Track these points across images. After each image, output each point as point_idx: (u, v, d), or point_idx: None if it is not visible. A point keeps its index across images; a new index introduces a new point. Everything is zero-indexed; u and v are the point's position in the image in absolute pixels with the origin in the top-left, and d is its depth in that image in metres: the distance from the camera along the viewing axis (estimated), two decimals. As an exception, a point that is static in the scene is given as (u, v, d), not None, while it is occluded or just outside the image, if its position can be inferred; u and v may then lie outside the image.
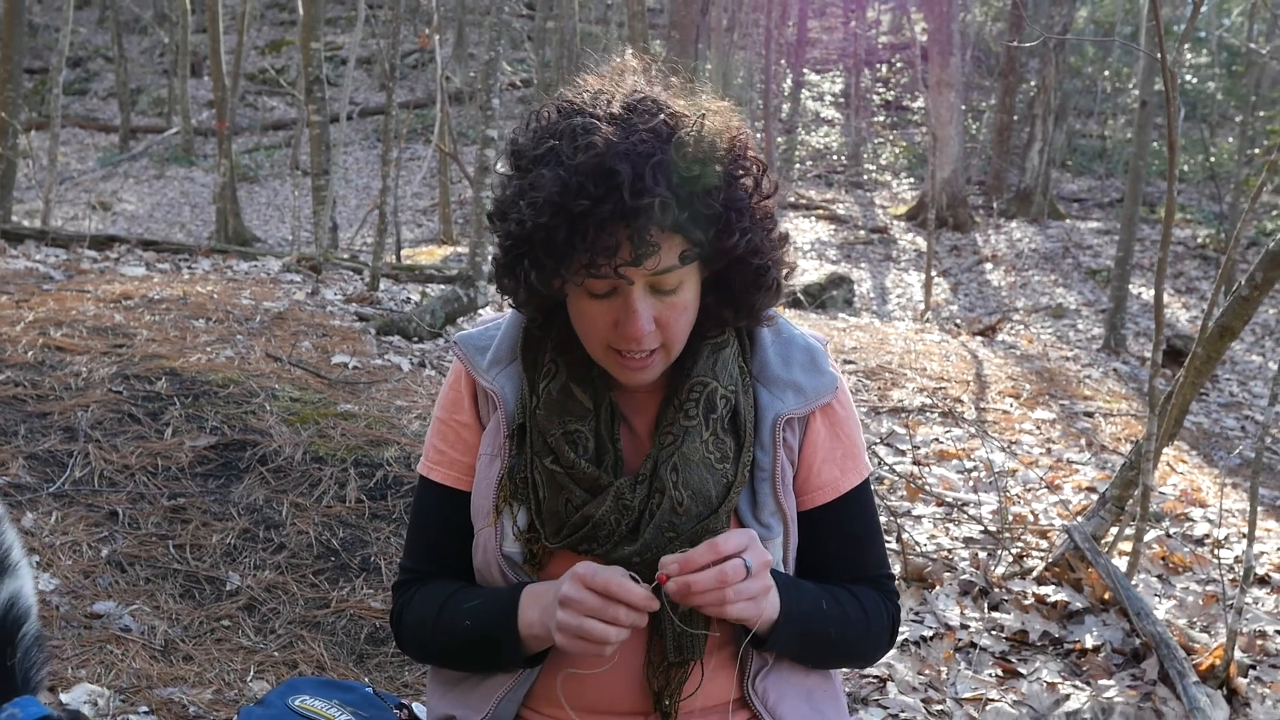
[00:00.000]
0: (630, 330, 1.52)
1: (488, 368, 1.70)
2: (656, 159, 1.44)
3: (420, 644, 1.75)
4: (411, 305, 6.73)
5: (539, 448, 1.63)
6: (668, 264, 1.49)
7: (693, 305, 1.58)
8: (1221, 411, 8.53)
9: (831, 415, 1.72)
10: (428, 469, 1.76)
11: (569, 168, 1.44)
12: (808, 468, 1.70)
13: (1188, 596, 3.91)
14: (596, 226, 1.43)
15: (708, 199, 1.48)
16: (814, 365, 1.71)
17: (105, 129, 25.38)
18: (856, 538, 1.75)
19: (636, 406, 1.69)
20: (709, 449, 1.61)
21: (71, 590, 3.02)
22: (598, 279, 1.49)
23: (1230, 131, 20.62)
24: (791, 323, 1.78)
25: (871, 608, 1.70)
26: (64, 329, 4.63)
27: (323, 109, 10.94)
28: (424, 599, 1.72)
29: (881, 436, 5.55)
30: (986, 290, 14.83)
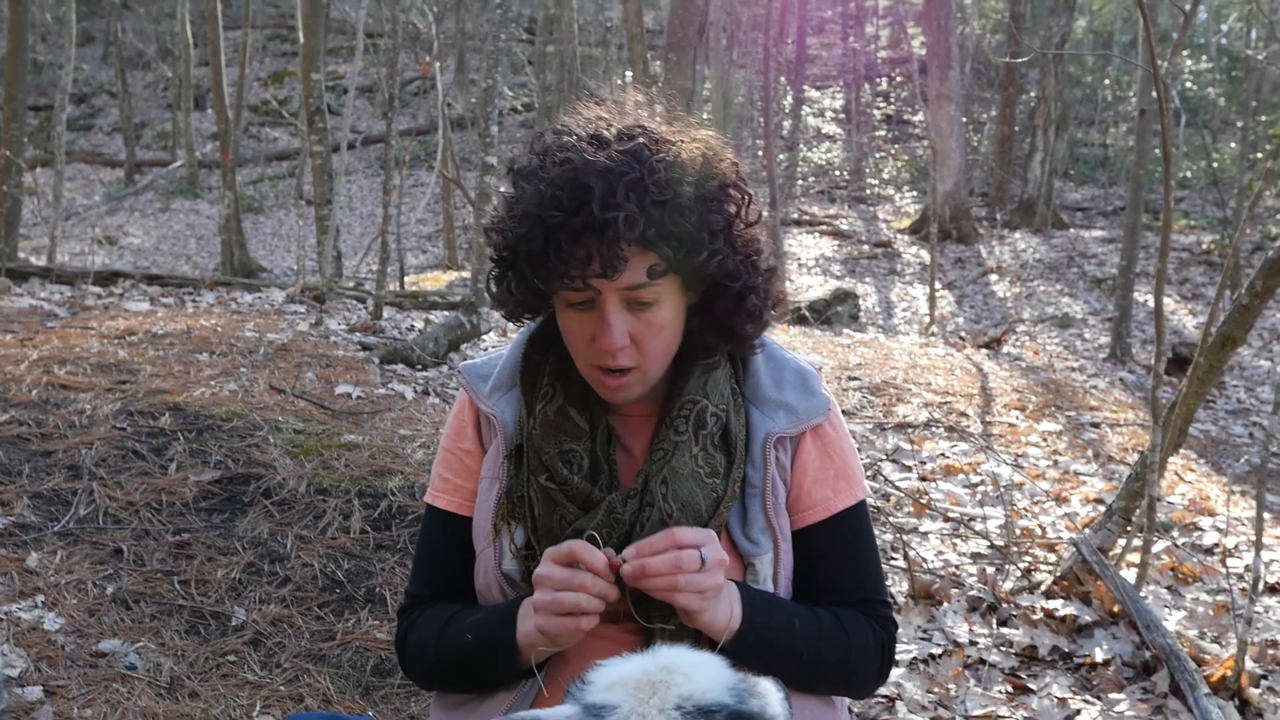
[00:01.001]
0: (604, 343, 1.58)
1: (489, 394, 1.76)
2: (630, 177, 1.52)
3: (423, 665, 1.78)
4: (415, 333, 6.75)
5: (535, 466, 1.68)
6: (636, 279, 1.55)
7: (671, 326, 1.63)
8: (1229, 418, 8.50)
9: (823, 436, 1.75)
10: (433, 497, 1.81)
11: (547, 181, 1.55)
12: (798, 487, 1.72)
13: (1198, 607, 3.89)
14: (569, 238, 1.52)
15: (679, 218, 1.54)
16: (805, 387, 1.75)
17: (110, 164, 25.54)
18: (848, 559, 1.75)
19: (632, 429, 1.74)
20: (699, 463, 1.65)
21: (77, 629, 3.02)
22: (572, 290, 1.56)
23: (1232, 137, 20.62)
24: (784, 347, 1.82)
25: (855, 631, 1.70)
26: (68, 366, 4.65)
27: (325, 139, 11.00)
28: (427, 620, 1.76)
29: (887, 453, 5.54)
30: (991, 302, 14.82)
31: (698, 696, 1.22)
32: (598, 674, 1.28)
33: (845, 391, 6.75)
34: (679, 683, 1.23)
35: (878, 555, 1.81)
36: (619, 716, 1.21)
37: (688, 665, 1.26)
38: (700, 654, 1.32)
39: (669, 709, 1.20)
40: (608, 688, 1.25)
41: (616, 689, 1.24)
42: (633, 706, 1.21)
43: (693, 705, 1.21)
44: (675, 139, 1.60)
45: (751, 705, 1.24)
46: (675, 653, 1.30)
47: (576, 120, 1.63)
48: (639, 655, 1.30)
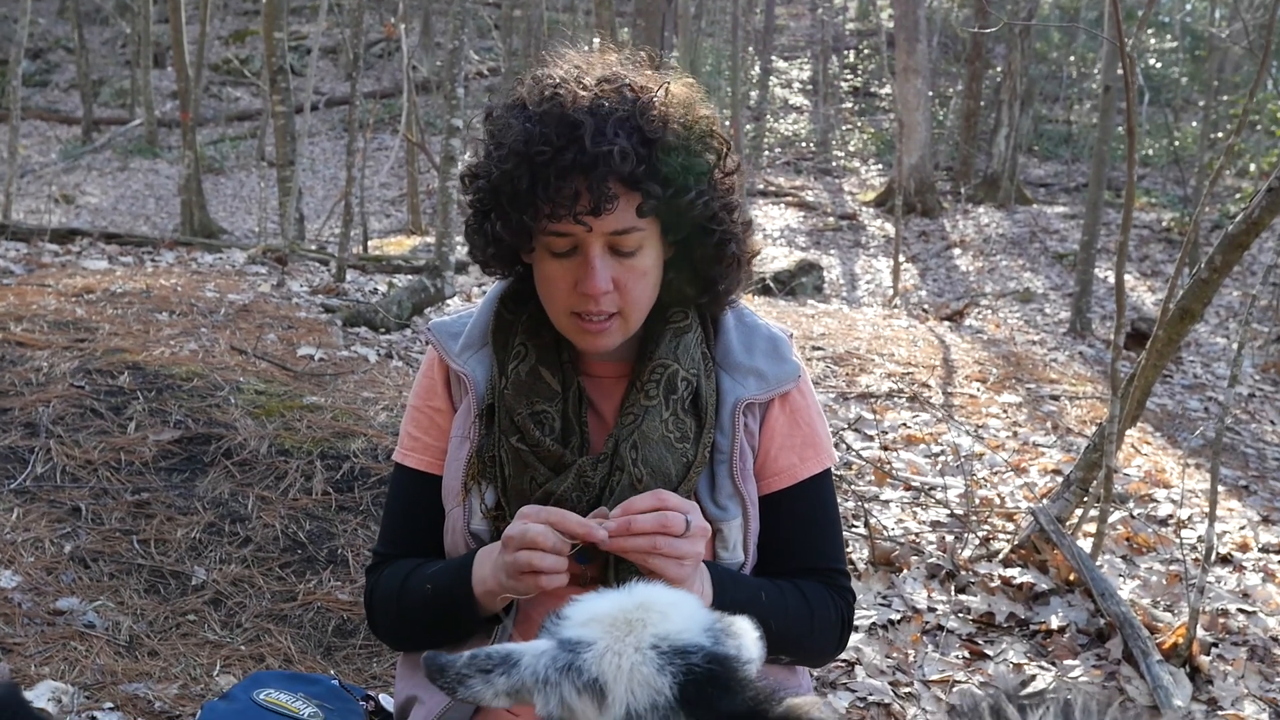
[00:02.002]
0: (588, 286, 1.57)
1: (459, 352, 1.74)
2: (619, 114, 1.52)
3: (389, 619, 1.77)
4: (378, 296, 6.70)
5: (506, 427, 1.67)
6: (625, 219, 1.54)
7: (652, 272, 1.62)
8: (1186, 393, 8.62)
9: (792, 403, 1.75)
10: (402, 455, 1.80)
11: (533, 117, 1.53)
12: (765, 453, 1.72)
13: (1151, 576, 3.96)
14: (558, 175, 1.50)
15: (667, 156, 1.54)
16: (776, 353, 1.75)
17: (67, 121, 25.04)
18: (812, 526, 1.76)
19: (604, 392, 1.73)
20: (669, 428, 1.64)
21: (34, 587, 2.99)
22: (558, 229, 1.54)
23: (1194, 116, 20.80)
24: (756, 313, 1.82)
25: (818, 603, 1.71)
26: (24, 324, 4.58)
27: (288, 99, 10.84)
28: (391, 574, 1.75)
29: (849, 422, 5.58)
30: (954, 275, 14.91)
31: (674, 636, 1.21)
32: (574, 609, 1.27)
33: (809, 361, 6.78)
34: (655, 621, 1.23)
35: (840, 524, 1.82)
36: (594, 653, 1.20)
37: (664, 604, 1.26)
38: (676, 593, 1.31)
39: (645, 648, 1.20)
40: (583, 623, 1.24)
41: (592, 625, 1.24)
42: (608, 644, 1.21)
43: (668, 645, 1.20)
44: (657, 84, 1.60)
45: (728, 646, 1.24)
46: (651, 590, 1.29)
47: (555, 68, 1.61)
48: (615, 592, 1.29)
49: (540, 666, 1.22)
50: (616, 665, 1.19)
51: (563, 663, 1.21)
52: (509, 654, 1.24)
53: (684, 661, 1.19)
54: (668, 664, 1.19)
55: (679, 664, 1.19)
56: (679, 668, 1.18)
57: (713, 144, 1.62)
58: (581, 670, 1.20)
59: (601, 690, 1.19)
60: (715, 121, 1.64)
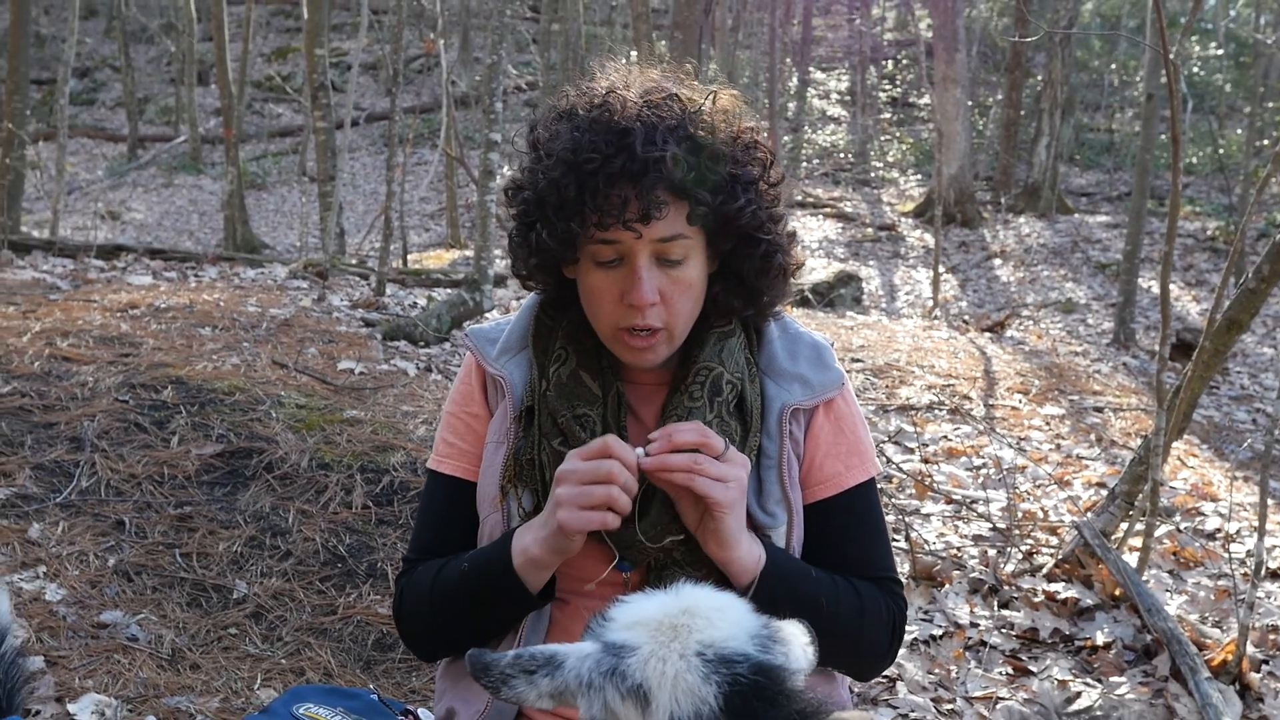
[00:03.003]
0: (635, 297, 1.56)
1: (496, 356, 1.74)
2: (669, 122, 1.53)
3: (419, 615, 1.74)
4: (418, 310, 6.73)
5: (548, 429, 1.66)
6: (674, 226, 1.55)
7: (698, 285, 1.62)
8: (1233, 405, 8.49)
9: (836, 411, 1.74)
10: (437, 463, 1.79)
11: (581, 125, 1.54)
12: (810, 461, 1.71)
13: (1199, 592, 3.89)
14: (606, 182, 1.50)
15: (716, 164, 1.55)
16: (820, 361, 1.74)
17: (113, 139, 25.44)
18: (859, 534, 1.75)
19: (644, 397, 1.72)
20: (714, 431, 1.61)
21: (78, 600, 3.03)
22: (606, 238, 1.54)
23: (1238, 123, 20.54)
24: (798, 322, 1.81)
25: (869, 597, 1.69)
26: (70, 339, 4.65)
27: (328, 115, 10.94)
28: (423, 571, 1.74)
29: (889, 434, 5.53)
30: (995, 286, 14.79)
31: (719, 644, 1.19)
32: (619, 611, 1.26)
33: (849, 373, 6.72)
34: (701, 627, 1.21)
35: (886, 532, 1.80)
36: (639, 658, 1.19)
37: (710, 609, 1.24)
38: (723, 596, 1.29)
39: (690, 655, 1.18)
40: (628, 626, 1.23)
41: (637, 629, 1.22)
42: (653, 649, 1.19)
43: (714, 653, 1.18)
44: (703, 95, 1.62)
45: (775, 655, 1.22)
46: (698, 594, 1.27)
47: (600, 81, 1.62)
48: (661, 594, 1.27)
49: (584, 670, 1.20)
50: (661, 672, 1.18)
51: (607, 666, 1.20)
52: (553, 655, 1.23)
53: (729, 671, 1.17)
54: (713, 673, 1.17)
55: (724, 673, 1.17)
56: (724, 677, 1.16)
57: (758, 154, 1.63)
58: (625, 675, 1.18)
59: (645, 697, 1.18)
60: (760, 132, 1.65)
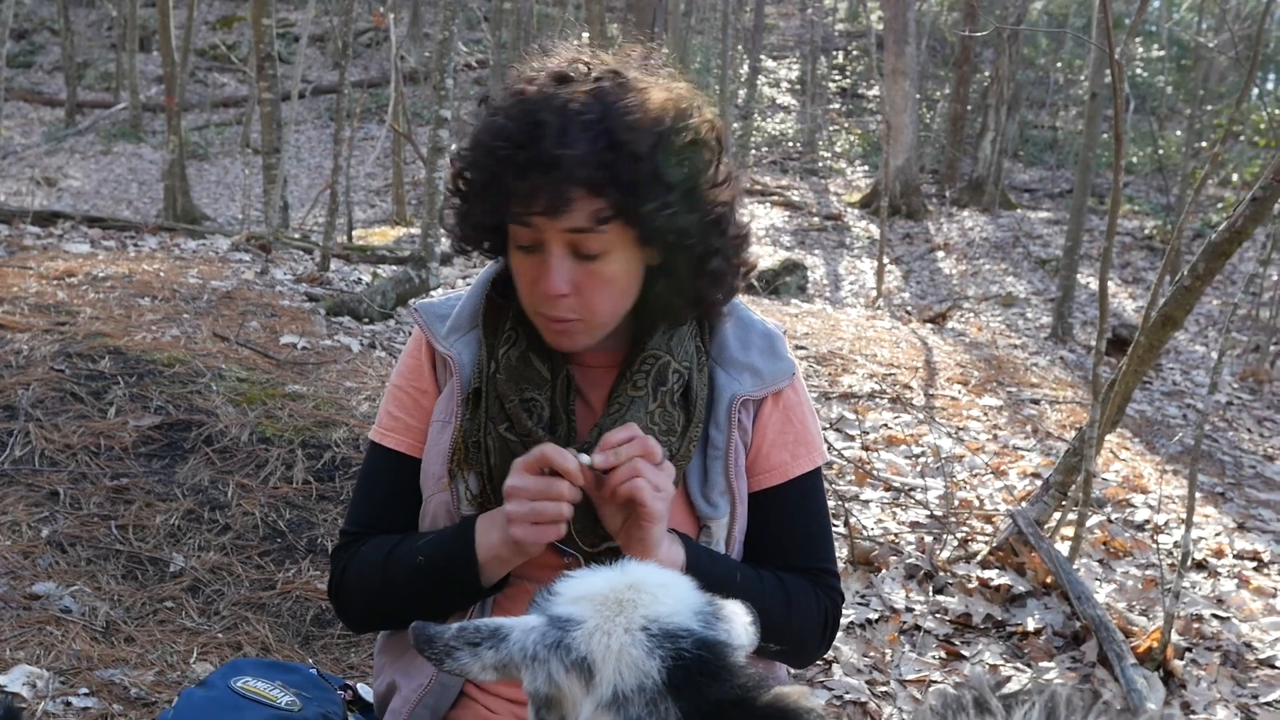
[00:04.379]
0: (543, 287, 1.55)
1: (446, 334, 1.72)
2: (586, 117, 1.47)
3: (367, 596, 1.73)
4: (363, 286, 6.67)
5: (495, 413, 1.64)
6: (581, 223, 1.50)
7: (619, 281, 1.58)
8: (1165, 400, 8.67)
9: (785, 400, 1.74)
10: (380, 435, 1.77)
11: (502, 111, 1.52)
12: (757, 449, 1.71)
13: (1127, 581, 3.98)
14: (515, 173, 1.48)
15: (633, 165, 1.48)
16: (772, 350, 1.73)
17: (51, 103, 24.83)
18: (801, 524, 1.75)
19: (593, 380, 1.71)
20: (654, 420, 1.62)
21: (10, 571, 2.98)
22: (517, 225, 1.53)
23: (1178, 125, 20.91)
24: (750, 309, 1.80)
25: (798, 596, 1.69)
26: (4, 306, 4.55)
27: (274, 86, 10.78)
28: (370, 550, 1.71)
29: (831, 422, 5.59)
30: (938, 278, 14.95)
31: (664, 619, 1.21)
32: (565, 585, 1.26)
33: (792, 360, 6.79)
34: (646, 602, 1.22)
35: (829, 525, 1.80)
36: (584, 631, 1.20)
37: (655, 585, 1.25)
38: (668, 573, 1.31)
39: (635, 629, 1.19)
40: (574, 600, 1.24)
41: (583, 603, 1.23)
42: (598, 623, 1.20)
43: (658, 627, 1.19)
44: (647, 86, 1.55)
45: (719, 632, 1.23)
46: (643, 570, 1.28)
47: (555, 57, 1.59)
48: (607, 569, 1.28)
49: (529, 642, 1.21)
50: (605, 645, 1.18)
51: (551, 639, 1.20)
52: (498, 628, 1.23)
53: (674, 646, 1.18)
54: (657, 647, 1.18)
55: (668, 648, 1.18)
56: (668, 651, 1.18)
57: (696, 153, 1.56)
58: (570, 648, 1.19)
59: (589, 669, 1.18)
60: (708, 130, 1.58)
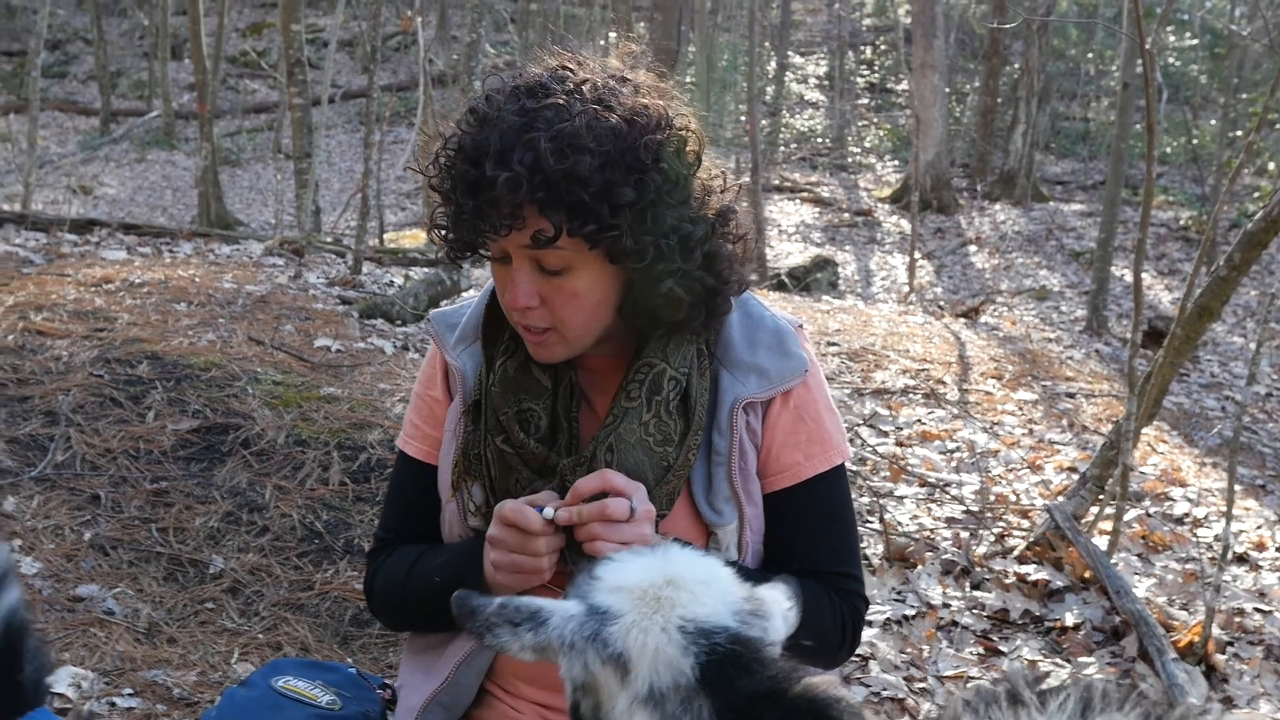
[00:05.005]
0: (507, 299, 1.56)
1: (454, 344, 1.73)
2: (529, 135, 1.44)
3: (391, 605, 1.79)
4: (395, 288, 6.71)
5: (492, 425, 1.64)
6: (526, 241, 1.48)
7: (587, 296, 1.54)
8: (1202, 392, 8.59)
9: (796, 399, 1.67)
10: (404, 442, 1.81)
11: (461, 123, 1.52)
12: (767, 450, 1.67)
13: (1167, 575, 3.95)
14: (464, 190, 1.48)
15: (573, 185, 1.43)
16: (781, 347, 1.67)
17: (85, 112, 25.12)
18: (817, 527, 1.69)
19: (598, 386, 1.69)
20: (648, 431, 1.58)
21: (54, 574, 3.02)
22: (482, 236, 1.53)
23: (1213, 114, 20.69)
24: (763, 303, 1.74)
25: (813, 604, 1.57)
26: (44, 313, 4.61)
27: (304, 92, 10.88)
28: (395, 561, 1.76)
29: (864, 418, 5.57)
30: (970, 272, 14.86)
31: (701, 618, 1.21)
32: (606, 571, 1.28)
33: (824, 357, 6.77)
34: (685, 601, 1.22)
35: (851, 524, 1.73)
36: (621, 627, 1.21)
37: (695, 582, 1.25)
38: (708, 566, 1.30)
39: (671, 628, 1.20)
40: (613, 590, 1.25)
41: (622, 595, 1.24)
42: (635, 619, 1.21)
43: (695, 626, 1.20)
44: (615, 102, 1.49)
45: (753, 629, 1.24)
46: (684, 561, 1.29)
47: (537, 66, 1.56)
48: (649, 555, 1.29)
49: (567, 630, 1.22)
50: (642, 643, 1.19)
51: (589, 631, 1.22)
52: (538, 610, 1.24)
53: (708, 642, 1.19)
54: (691, 644, 1.19)
55: (703, 644, 1.19)
56: (702, 648, 1.19)
57: (657, 173, 1.49)
58: (607, 643, 1.20)
59: (625, 666, 1.20)
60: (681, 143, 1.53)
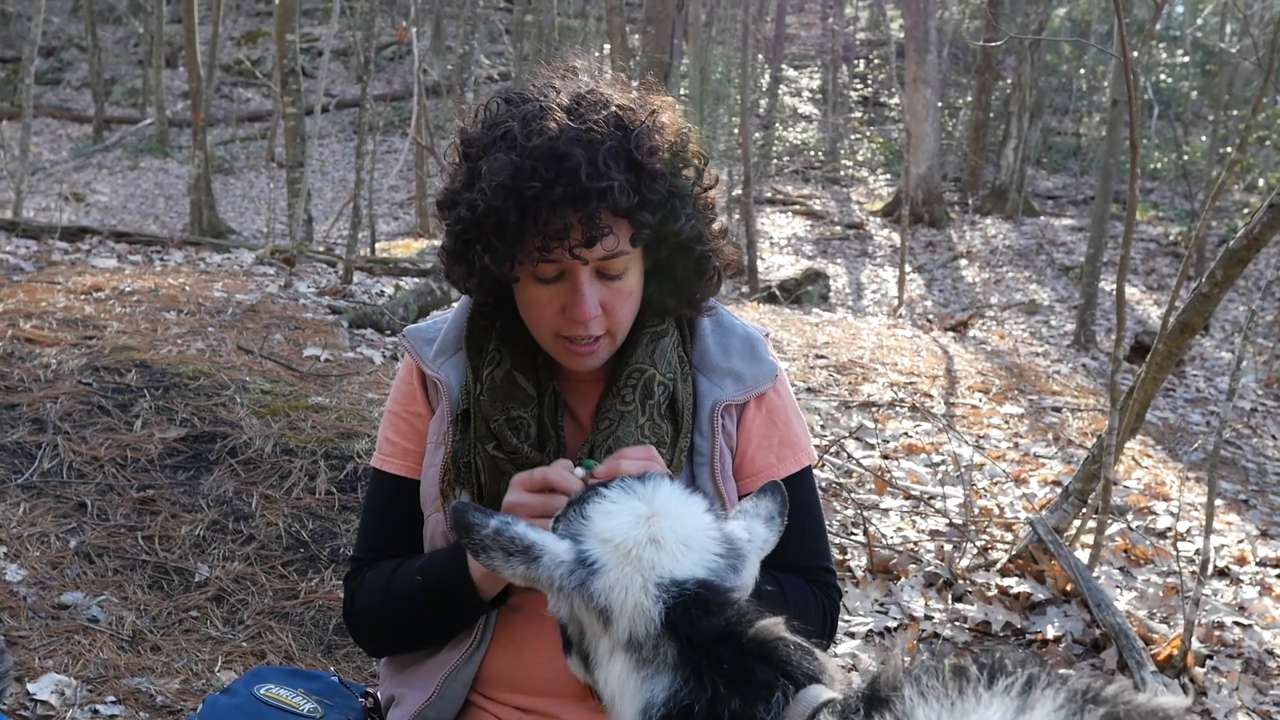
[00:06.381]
0: (578, 313, 1.57)
1: (433, 357, 1.75)
2: (609, 145, 1.50)
3: (372, 618, 1.77)
4: (385, 298, 6.73)
5: (482, 433, 1.68)
6: (619, 247, 1.54)
7: (637, 292, 1.64)
8: (1188, 407, 8.63)
9: (768, 403, 1.77)
10: (381, 461, 1.80)
11: (522, 151, 1.49)
12: (743, 453, 1.74)
13: (1148, 588, 3.97)
14: (548, 209, 1.48)
15: (655, 185, 1.53)
16: (753, 354, 1.76)
17: (79, 119, 25.12)
18: (792, 525, 1.70)
19: (579, 395, 1.74)
20: (645, 433, 1.65)
21: (39, 581, 3.03)
22: (549, 262, 1.53)
23: (1203, 130, 20.79)
24: (732, 314, 1.83)
25: (794, 595, 1.71)
26: (34, 320, 4.62)
27: (298, 101, 10.90)
28: (374, 575, 1.76)
29: (851, 430, 5.60)
30: (960, 286, 14.92)
31: (678, 576, 1.29)
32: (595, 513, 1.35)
33: (812, 369, 6.80)
34: (664, 562, 1.30)
35: (823, 523, 1.83)
36: (604, 583, 1.29)
37: (676, 543, 1.32)
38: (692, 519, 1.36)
39: (650, 585, 1.28)
40: (601, 539, 1.32)
41: (608, 548, 1.31)
42: (618, 576, 1.29)
43: (670, 581, 1.29)
44: (640, 106, 1.59)
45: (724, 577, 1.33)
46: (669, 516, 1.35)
47: (528, 88, 1.59)
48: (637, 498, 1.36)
49: (556, 575, 1.31)
50: (623, 600, 1.28)
51: (577, 580, 1.30)
52: (531, 545, 1.32)
53: (678, 590, 1.28)
54: (663, 594, 1.27)
55: (673, 592, 1.28)
56: (672, 595, 1.27)
57: (693, 163, 1.63)
58: (592, 596, 1.29)
59: (608, 617, 1.29)
60: (694, 138, 1.65)
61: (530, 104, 1.54)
